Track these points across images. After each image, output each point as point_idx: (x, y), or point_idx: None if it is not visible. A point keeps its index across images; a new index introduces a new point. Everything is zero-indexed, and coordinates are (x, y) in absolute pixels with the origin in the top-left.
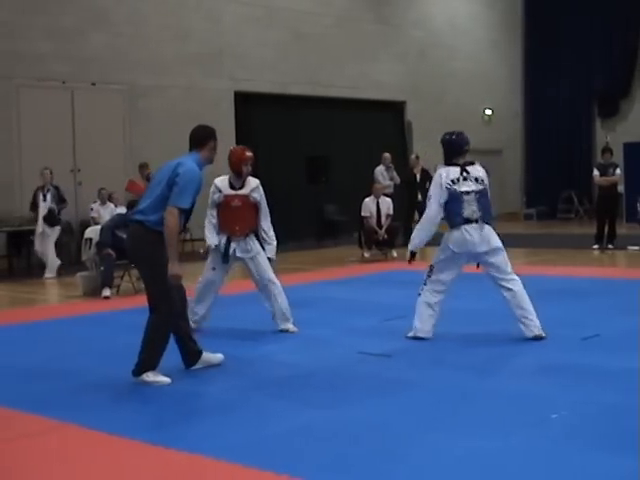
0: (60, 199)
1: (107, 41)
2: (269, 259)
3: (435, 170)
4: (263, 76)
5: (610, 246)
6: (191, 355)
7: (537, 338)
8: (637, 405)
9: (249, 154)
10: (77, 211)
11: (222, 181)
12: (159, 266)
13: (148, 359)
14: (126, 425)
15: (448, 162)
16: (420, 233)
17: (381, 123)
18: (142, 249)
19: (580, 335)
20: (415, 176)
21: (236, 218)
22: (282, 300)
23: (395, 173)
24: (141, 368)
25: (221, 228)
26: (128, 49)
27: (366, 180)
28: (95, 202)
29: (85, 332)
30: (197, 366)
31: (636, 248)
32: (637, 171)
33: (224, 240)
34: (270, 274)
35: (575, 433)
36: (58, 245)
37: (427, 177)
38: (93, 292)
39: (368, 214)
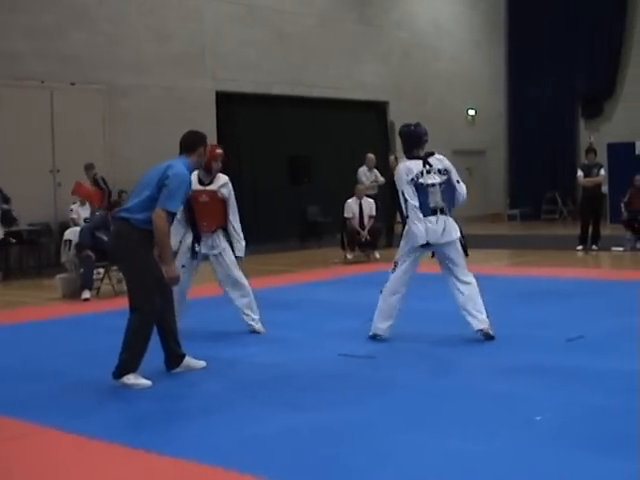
0: (4, 199)
1: (87, 40)
2: (238, 258)
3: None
4: (245, 76)
5: (594, 247)
6: (173, 358)
7: (486, 335)
8: (623, 407)
9: (219, 151)
10: (56, 212)
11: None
12: (142, 265)
13: (128, 361)
14: (106, 428)
15: (409, 155)
16: (414, 227)
17: (364, 123)
18: (126, 246)
19: (564, 336)
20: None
21: (203, 214)
22: (249, 300)
23: (379, 174)
24: (122, 370)
25: (188, 223)
26: (108, 48)
27: (349, 181)
28: (74, 203)
29: (64, 334)
30: (178, 370)
31: (620, 249)
32: (621, 172)
33: (191, 237)
34: (236, 273)
35: (560, 435)
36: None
37: None
38: (72, 294)
39: (351, 215)
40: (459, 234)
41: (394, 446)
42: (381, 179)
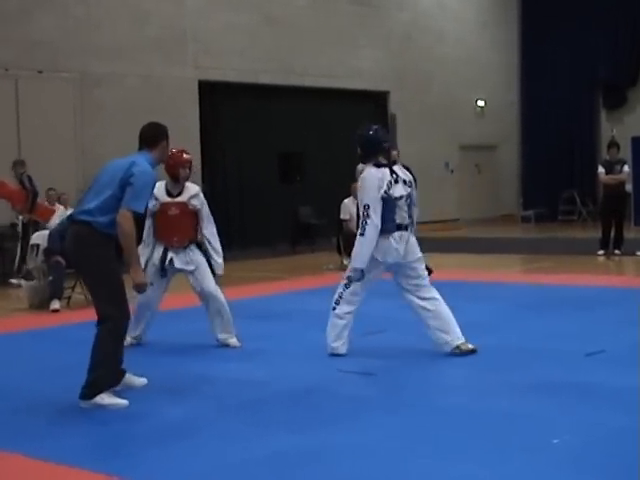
0: None
1: (56, 24)
2: (214, 274)
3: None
4: (231, 64)
5: (617, 252)
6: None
7: (461, 350)
8: None
9: (187, 157)
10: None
11: (158, 187)
12: (106, 270)
13: (101, 379)
14: (74, 453)
15: (371, 162)
16: (365, 249)
17: (362, 116)
18: (87, 251)
19: (584, 350)
20: None
21: (173, 228)
22: (225, 313)
23: None
24: (93, 390)
25: (157, 238)
26: (79, 33)
27: (345, 179)
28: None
29: (30, 349)
30: (117, 387)
31: None
32: None
33: (160, 251)
34: (212, 286)
35: (580, 459)
36: None
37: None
38: (40, 304)
39: (348, 217)
40: (420, 252)
41: (398, 472)
42: None
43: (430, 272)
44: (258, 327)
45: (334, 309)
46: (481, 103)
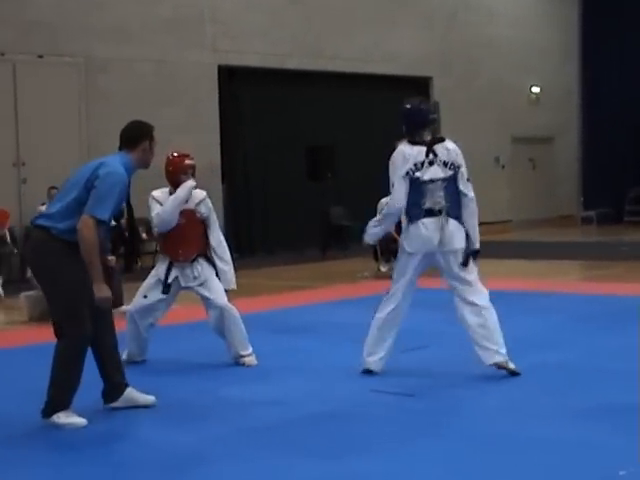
0: None
1: (56, 1)
2: (226, 291)
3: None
4: (253, 46)
5: None
6: (111, 387)
7: (500, 367)
8: None
9: (189, 162)
10: (21, 215)
11: (161, 195)
12: (64, 281)
13: (58, 396)
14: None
15: (411, 139)
16: (379, 225)
17: (400, 104)
18: (44, 259)
19: None
20: None
21: (179, 239)
22: (239, 328)
23: None
24: (52, 407)
25: (162, 252)
26: (84, 12)
27: (382, 175)
28: (43, 204)
29: (26, 367)
30: (117, 404)
31: None
32: None
33: (164, 267)
34: (224, 299)
35: None
36: None
37: None
38: (41, 316)
39: None
40: (464, 243)
41: None
42: None
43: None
44: (283, 342)
45: (373, 318)
46: (536, 90)
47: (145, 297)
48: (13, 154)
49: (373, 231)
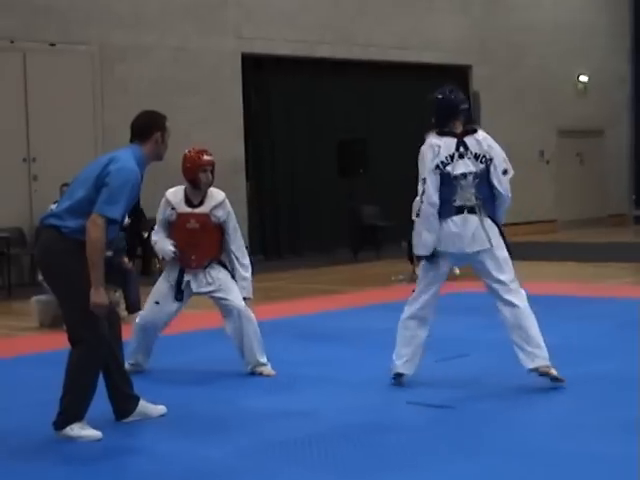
0: None
1: None
2: (245, 299)
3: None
4: (280, 33)
5: None
6: (123, 402)
7: (541, 373)
8: None
9: (207, 158)
10: (32, 214)
11: (175, 194)
12: (78, 282)
13: (72, 407)
14: None
15: (440, 131)
16: (424, 231)
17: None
18: (56, 260)
19: None
20: None
21: (192, 245)
22: (257, 335)
23: None
24: (64, 419)
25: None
26: None
27: (417, 172)
28: (55, 203)
29: (36, 376)
30: (131, 418)
31: None
32: None
33: (176, 271)
34: (241, 303)
35: None
36: None
37: None
38: (53, 322)
39: None
40: (498, 239)
41: None
42: None
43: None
44: (311, 350)
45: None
46: (584, 79)
47: (157, 303)
48: (23, 149)
49: (423, 241)
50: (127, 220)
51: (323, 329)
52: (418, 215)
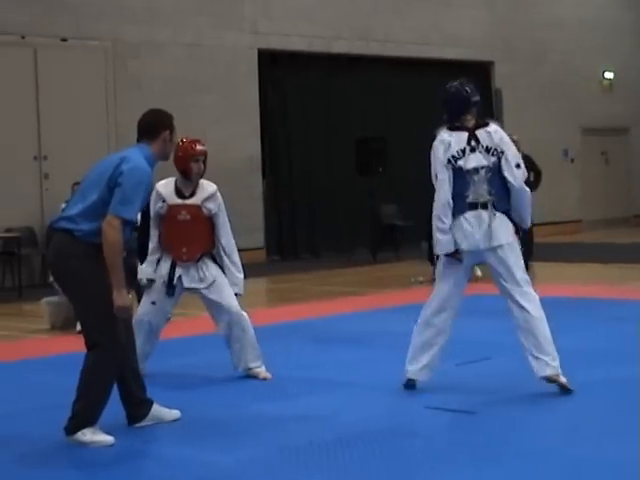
0: None
1: None
2: (235, 294)
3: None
4: (297, 28)
5: None
6: (136, 406)
7: (551, 381)
8: None
9: (200, 148)
10: (43, 214)
11: (166, 186)
12: (93, 286)
13: (85, 411)
14: None
15: (451, 125)
16: (439, 229)
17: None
18: (71, 263)
19: None
20: None
21: (183, 237)
22: (251, 336)
23: None
24: (76, 423)
25: (163, 249)
26: None
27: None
28: (66, 202)
29: (47, 379)
30: (144, 423)
31: None
32: None
33: (167, 266)
34: (234, 303)
35: None
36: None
37: (531, 167)
38: (64, 324)
39: None
40: (512, 237)
41: None
42: None
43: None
44: (329, 352)
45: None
46: (609, 75)
47: (154, 303)
48: (34, 147)
49: (444, 239)
50: (139, 219)
51: (341, 331)
52: (434, 215)
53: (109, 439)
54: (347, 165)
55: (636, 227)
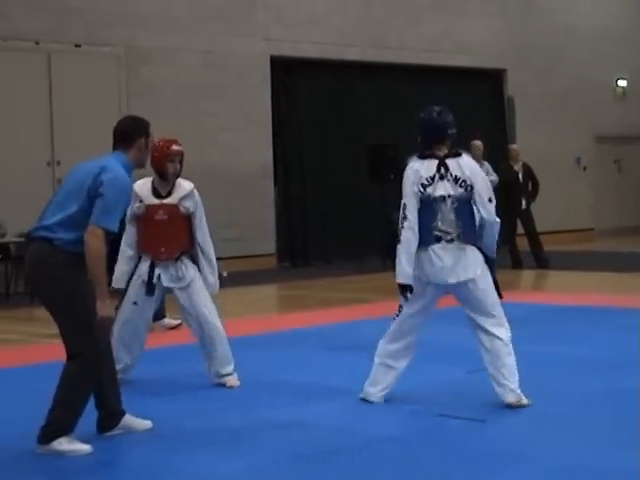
0: None
1: None
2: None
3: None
4: (310, 35)
5: None
6: (109, 417)
7: (514, 407)
8: None
9: (176, 148)
10: None
11: (143, 186)
12: (74, 297)
13: (61, 420)
14: None
15: (422, 153)
16: (404, 258)
17: (472, 99)
18: (50, 274)
19: None
20: (517, 174)
21: (161, 236)
22: (221, 342)
23: (491, 168)
24: (51, 432)
25: (142, 249)
26: None
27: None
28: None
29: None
30: (115, 432)
31: None
32: None
33: (147, 265)
34: (206, 306)
35: None
36: None
37: (529, 176)
38: None
39: None
40: (481, 269)
41: None
42: (493, 176)
43: (500, 296)
44: (339, 360)
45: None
46: (623, 83)
47: (135, 304)
48: (47, 153)
49: (403, 269)
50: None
51: (351, 339)
52: (399, 241)
53: (86, 448)
54: (359, 172)
55: None
